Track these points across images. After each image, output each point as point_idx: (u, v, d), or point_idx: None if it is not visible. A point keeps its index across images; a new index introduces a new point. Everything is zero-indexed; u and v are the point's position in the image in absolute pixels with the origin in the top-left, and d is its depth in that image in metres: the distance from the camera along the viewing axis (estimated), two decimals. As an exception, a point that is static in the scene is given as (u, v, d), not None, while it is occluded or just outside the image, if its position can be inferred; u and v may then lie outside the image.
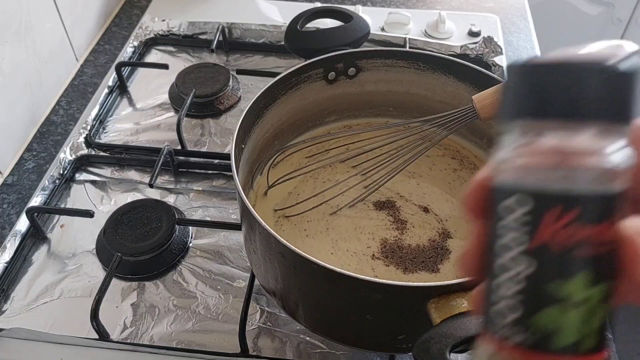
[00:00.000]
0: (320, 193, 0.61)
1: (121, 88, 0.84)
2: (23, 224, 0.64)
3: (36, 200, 0.66)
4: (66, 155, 0.72)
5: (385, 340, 0.50)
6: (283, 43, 0.77)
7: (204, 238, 0.65)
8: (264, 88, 0.58)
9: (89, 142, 0.74)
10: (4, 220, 0.67)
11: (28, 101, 0.77)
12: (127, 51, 0.88)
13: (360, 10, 0.97)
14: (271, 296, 0.55)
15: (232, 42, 0.91)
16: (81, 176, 0.72)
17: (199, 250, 0.64)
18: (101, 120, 0.78)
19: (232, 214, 0.67)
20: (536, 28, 0.99)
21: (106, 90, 0.81)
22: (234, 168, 0.50)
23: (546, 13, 1.54)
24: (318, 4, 0.94)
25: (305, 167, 0.64)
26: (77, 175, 0.72)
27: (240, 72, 0.84)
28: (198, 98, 0.79)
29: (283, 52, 0.89)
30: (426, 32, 0.93)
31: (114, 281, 0.59)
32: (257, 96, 0.57)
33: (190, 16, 0.96)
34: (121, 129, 0.78)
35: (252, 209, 0.46)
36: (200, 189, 0.70)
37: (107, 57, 0.91)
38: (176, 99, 0.81)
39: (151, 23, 0.92)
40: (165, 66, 0.84)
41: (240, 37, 0.91)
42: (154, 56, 0.91)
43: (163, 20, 0.92)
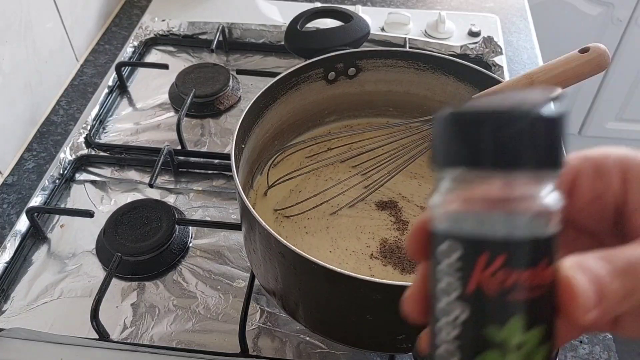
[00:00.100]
0: (320, 193, 0.61)
1: (121, 88, 0.84)
2: (23, 224, 0.64)
3: (36, 200, 0.66)
4: (66, 155, 0.72)
5: (385, 340, 0.50)
6: (283, 43, 0.77)
7: (204, 238, 0.65)
8: (264, 88, 0.58)
9: (89, 142, 0.74)
10: (4, 220, 0.67)
11: (28, 101, 0.77)
12: (127, 51, 0.88)
13: (360, 10, 0.97)
14: (271, 296, 0.55)
15: (232, 42, 0.91)
16: (81, 176, 0.72)
17: (199, 250, 0.64)
18: (101, 120, 0.78)
19: (232, 214, 0.67)
20: (536, 28, 0.99)
21: (106, 90, 0.81)
22: (234, 168, 0.50)
23: (546, 13, 1.54)
24: (318, 4, 0.94)
25: (305, 167, 0.64)
26: (77, 175, 0.72)
27: (240, 72, 0.84)
28: (198, 98, 0.79)
29: (283, 52, 0.89)
30: (426, 32, 0.93)
31: (114, 281, 0.59)
32: (257, 96, 0.57)
33: (190, 16, 0.96)
34: (121, 129, 0.78)
35: (252, 209, 0.46)
36: (200, 189, 0.70)
37: (107, 57, 0.91)
38: (176, 99, 0.81)
39: (151, 23, 0.92)
40: (165, 66, 0.84)
41: (240, 37, 0.91)
42: (154, 56, 0.91)
43: (163, 20, 0.92)
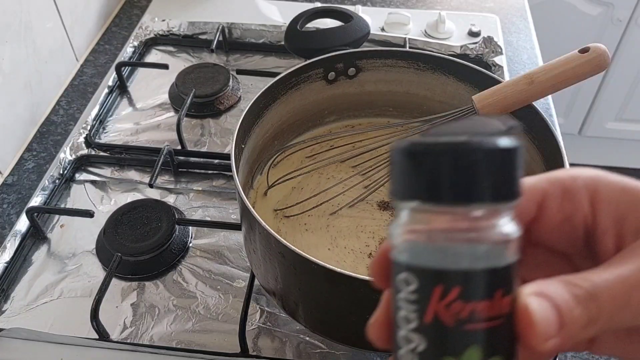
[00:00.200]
0: (320, 193, 0.61)
1: (121, 88, 0.84)
2: (23, 224, 0.64)
3: (36, 200, 0.66)
4: (66, 155, 0.72)
5: (385, 340, 0.50)
6: (283, 43, 0.77)
7: (204, 238, 0.65)
8: (264, 88, 0.58)
9: (89, 142, 0.74)
10: (4, 220, 0.67)
11: (28, 101, 0.77)
12: (127, 51, 0.88)
13: (360, 10, 0.97)
14: (271, 296, 0.55)
15: (232, 42, 0.91)
16: (81, 176, 0.72)
17: (199, 250, 0.64)
18: (101, 120, 0.78)
19: (232, 214, 0.67)
20: (536, 28, 0.99)
21: (106, 90, 0.81)
22: (234, 168, 0.50)
23: (546, 13, 1.54)
24: (318, 4, 0.94)
25: (305, 167, 0.64)
26: (77, 175, 0.72)
27: (240, 72, 0.84)
28: (198, 98, 0.79)
29: (283, 52, 0.89)
30: (426, 32, 0.93)
31: (114, 281, 0.59)
32: (257, 96, 0.57)
33: (190, 16, 0.96)
34: (121, 129, 0.78)
35: (252, 209, 0.46)
36: (200, 189, 0.70)
37: (107, 57, 0.91)
38: (176, 99, 0.81)
39: (151, 23, 0.92)
40: (165, 66, 0.84)
41: (240, 37, 0.91)
42: (154, 56, 0.91)
43: (163, 20, 0.92)
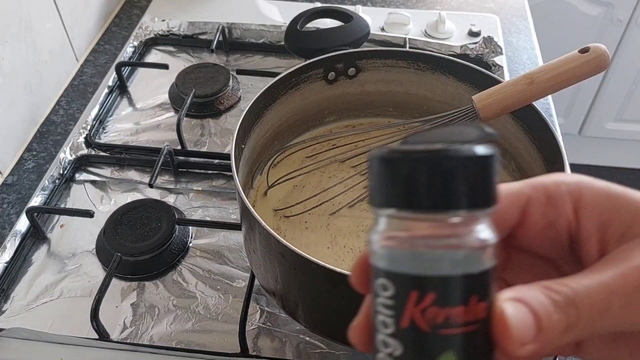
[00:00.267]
0: (320, 193, 0.61)
1: (121, 88, 0.84)
2: (23, 224, 0.64)
3: (36, 200, 0.66)
4: (66, 155, 0.72)
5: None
6: (283, 43, 0.77)
7: (204, 238, 0.65)
8: (264, 88, 0.58)
9: (89, 142, 0.74)
10: (4, 220, 0.67)
11: (28, 101, 0.77)
12: (127, 51, 0.88)
13: (360, 10, 0.97)
14: (271, 296, 0.55)
15: (232, 42, 0.91)
16: (81, 176, 0.72)
17: (199, 250, 0.64)
18: (101, 120, 0.78)
19: (232, 214, 0.67)
20: (536, 28, 0.99)
21: (106, 90, 0.81)
22: (234, 168, 0.50)
23: (546, 13, 1.54)
24: (318, 4, 0.94)
25: (305, 167, 0.64)
26: (77, 175, 0.72)
27: (240, 72, 0.84)
28: (198, 98, 0.79)
29: (283, 52, 0.89)
30: (426, 32, 0.93)
31: (114, 281, 0.59)
32: (257, 96, 0.57)
33: (190, 16, 0.96)
34: (121, 129, 0.78)
35: (252, 209, 0.46)
36: (200, 189, 0.70)
37: (107, 57, 0.91)
38: (176, 99, 0.81)
39: (151, 23, 0.92)
40: (165, 66, 0.84)
41: (240, 37, 0.91)
42: (154, 56, 0.91)
43: (163, 20, 0.92)
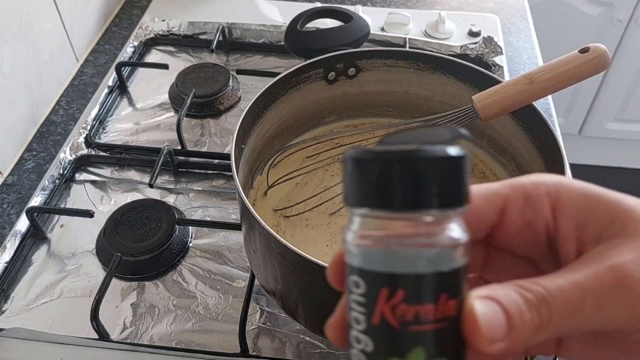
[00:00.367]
0: (321, 192, 0.62)
1: (121, 88, 0.84)
2: (23, 224, 0.64)
3: (36, 200, 0.66)
4: (66, 155, 0.72)
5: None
6: (283, 43, 0.77)
7: (204, 238, 0.65)
8: (264, 88, 0.58)
9: (89, 142, 0.74)
10: (4, 220, 0.67)
11: (28, 101, 0.77)
12: (127, 51, 0.88)
13: (360, 10, 0.97)
14: (271, 296, 0.55)
15: (232, 42, 0.91)
16: (81, 176, 0.72)
17: (199, 250, 0.64)
18: (101, 120, 0.78)
19: (232, 214, 0.67)
20: (536, 28, 0.99)
21: (106, 90, 0.81)
22: (234, 168, 0.50)
23: (546, 13, 1.54)
24: (318, 4, 0.94)
25: (305, 167, 0.64)
26: (77, 175, 0.72)
27: (240, 72, 0.84)
28: (198, 98, 0.79)
29: (283, 52, 0.89)
30: (426, 32, 0.93)
31: (114, 281, 0.59)
32: (257, 96, 0.57)
33: (190, 16, 0.96)
34: (121, 129, 0.78)
35: (252, 209, 0.46)
36: (200, 189, 0.70)
37: (107, 57, 0.91)
38: (176, 99, 0.81)
39: (151, 23, 0.92)
40: (165, 66, 0.84)
41: (240, 37, 0.91)
42: (154, 56, 0.91)
43: (163, 20, 0.92)
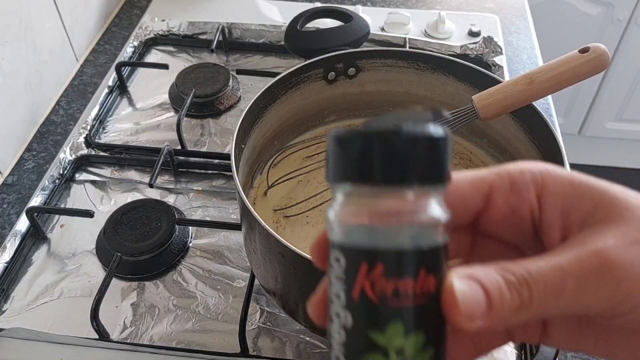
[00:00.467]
0: (323, 192, 0.62)
1: (121, 88, 0.84)
2: (23, 224, 0.64)
3: (36, 200, 0.66)
4: (66, 155, 0.72)
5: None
6: (283, 43, 0.77)
7: (204, 238, 0.65)
8: (264, 88, 0.58)
9: (89, 142, 0.74)
10: (4, 220, 0.67)
11: (28, 101, 0.77)
12: (127, 51, 0.88)
13: (360, 10, 0.97)
14: (271, 296, 0.55)
15: (232, 42, 0.91)
16: (81, 176, 0.72)
17: (199, 250, 0.64)
18: (101, 120, 0.79)
19: (232, 214, 0.67)
20: (536, 28, 0.99)
21: (106, 90, 0.81)
22: (234, 168, 0.50)
23: (546, 13, 1.54)
24: (318, 4, 0.94)
25: (305, 167, 0.64)
26: (77, 175, 0.72)
27: (240, 72, 0.84)
28: (198, 98, 0.79)
29: (283, 52, 0.89)
30: (426, 32, 0.93)
31: (114, 281, 0.59)
32: (257, 96, 0.57)
33: (190, 16, 0.96)
34: (121, 129, 0.78)
35: (252, 209, 0.46)
36: (200, 189, 0.70)
37: (107, 57, 0.91)
38: (176, 99, 0.81)
39: (151, 23, 0.92)
40: (165, 66, 0.84)
41: (240, 37, 0.91)
42: (154, 56, 0.91)
43: (163, 20, 0.92)
